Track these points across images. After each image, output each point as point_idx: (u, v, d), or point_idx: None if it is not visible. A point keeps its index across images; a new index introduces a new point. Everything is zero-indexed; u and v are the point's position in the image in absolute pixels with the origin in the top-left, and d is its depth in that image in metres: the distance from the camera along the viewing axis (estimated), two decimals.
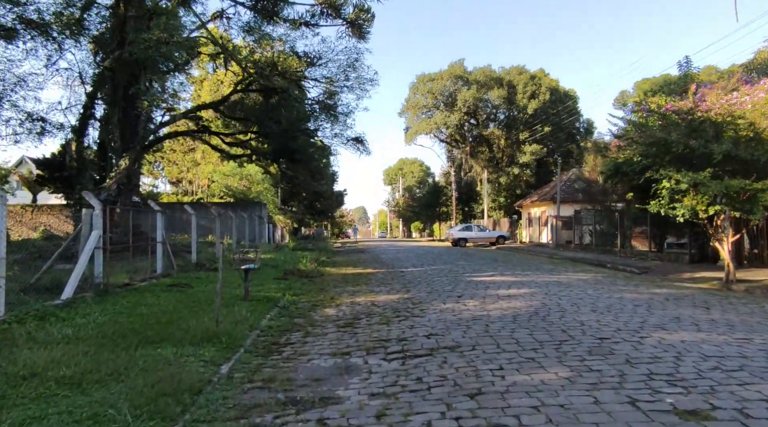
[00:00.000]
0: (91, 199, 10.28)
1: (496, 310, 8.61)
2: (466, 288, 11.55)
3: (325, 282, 13.90)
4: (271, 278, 13.93)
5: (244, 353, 6.28)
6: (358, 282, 13.67)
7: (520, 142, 47.27)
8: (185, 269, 15.67)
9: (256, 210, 34.56)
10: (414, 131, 51.66)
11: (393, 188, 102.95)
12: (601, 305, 9.03)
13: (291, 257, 20.18)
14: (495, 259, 22.14)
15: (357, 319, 8.36)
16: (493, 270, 16.33)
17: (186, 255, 19.17)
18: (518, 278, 13.86)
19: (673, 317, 7.79)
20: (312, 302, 10.28)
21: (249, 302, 9.49)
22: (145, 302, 9.27)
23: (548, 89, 48.49)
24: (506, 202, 49.75)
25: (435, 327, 7.37)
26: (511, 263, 19.46)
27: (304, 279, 14.34)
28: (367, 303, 9.98)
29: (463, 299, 9.97)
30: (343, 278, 14.84)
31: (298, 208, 53.75)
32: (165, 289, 11.15)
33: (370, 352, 6.16)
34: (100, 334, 6.53)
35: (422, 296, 10.67)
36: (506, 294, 10.46)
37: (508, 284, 12.18)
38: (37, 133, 24.43)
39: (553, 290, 11.06)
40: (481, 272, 15.79)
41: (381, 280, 14.08)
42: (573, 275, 14.55)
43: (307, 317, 8.76)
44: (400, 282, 13.37)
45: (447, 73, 49.51)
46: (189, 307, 8.86)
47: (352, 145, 21.10)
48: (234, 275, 12.21)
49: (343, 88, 18.22)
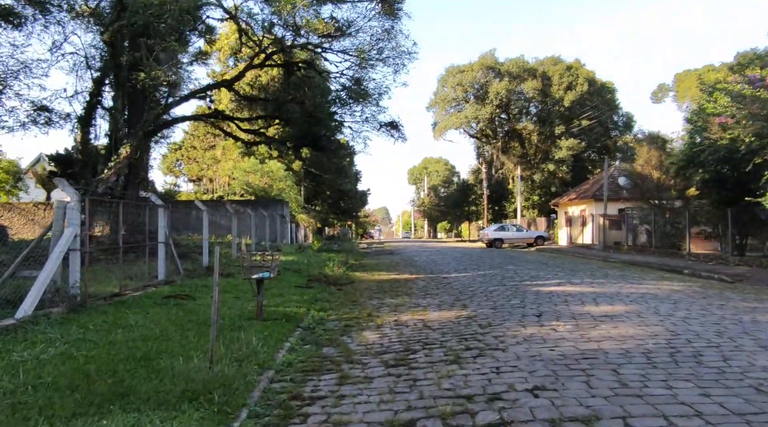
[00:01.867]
0: (65, 188, 8.10)
1: (607, 341, 6.10)
2: (540, 303, 9.04)
3: (357, 291, 11.53)
4: (293, 285, 11.65)
5: (246, 419, 3.94)
6: (397, 291, 11.27)
7: (555, 136, 44.21)
8: (194, 274, 13.52)
9: (278, 208, 32.52)
10: (443, 126, 48.97)
11: (418, 187, 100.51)
12: (761, 334, 6.44)
13: (315, 260, 17.92)
14: (544, 262, 19.48)
15: (410, 350, 5.96)
16: (555, 277, 13.74)
17: (198, 257, 17.13)
18: (594, 287, 11.26)
19: None
20: (344, 321, 7.92)
21: (263, 322, 7.18)
22: (125, 322, 7.03)
23: (585, 80, 45.28)
24: (540, 201, 46.74)
25: (534, 372, 4.92)
26: (567, 268, 16.81)
27: (331, 287, 12.02)
28: (417, 323, 7.58)
29: (546, 320, 7.47)
30: (378, 286, 12.45)
31: (322, 207, 51.68)
32: (159, 302, 8.94)
33: (449, 422, 3.77)
34: (27, 384, 4.26)
35: (486, 312, 8.21)
36: (601, 313, 7.91)
37: (592, 297, 9.61)
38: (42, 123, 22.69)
39: (658, 307, 8.46)
40: (540, 279, 13.23)
41: (424, 289, 11.66)
42: (660, 285, 11.88)
43: (340, 345, 6.41)
44: (448, 292, 10.93)
45: (478, 64, 46.71)
46: (181, 330, 6.59)
47: (386, 131, 18.55)
48: (246, 283, 9.97)
49: (375, 63, 15.72)
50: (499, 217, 51.76)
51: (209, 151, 47.85)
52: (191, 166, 49.52)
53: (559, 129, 44.06)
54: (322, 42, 14.98)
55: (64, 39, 20.72)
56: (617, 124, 50.33)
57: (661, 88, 67.64)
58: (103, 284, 10.36)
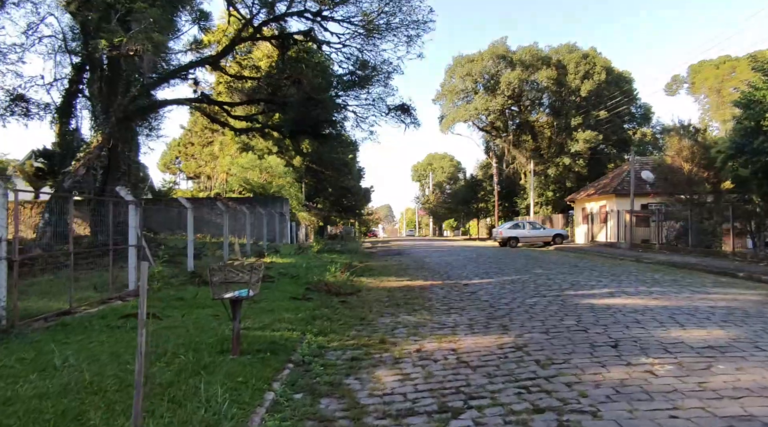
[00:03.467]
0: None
1: (746, 396, 4.09)
2: (605, 324, 6.98)
3: (364, 304, 9.54)
4: (287, 296, 9.67)
5: None
6: (413, 304, 9.27)
7: (571, 128, 41.97)
8: (175, 281, 11.56)
9: (277, 206, 30.57)
10: (450, 119, 46.75)
11: (422, 184, 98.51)
12: None
13: (316, 263, 15.95)
14: (574, 264, 17.43)
15: (448, 411, 3.98)
16: (598, 283, 11.72)
17: (184, 260, 15.24)
18: (657, 299, 9.21)
19: None
20: (352, 352, 5.95)
21: (239, 359, 5.21)
22: (49, 361, 5.07)
23: (603, 69, 42.99)
24: (554, 197, 44.59)
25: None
26: (605, 271, 14.77)
27: (333, 297, 10.04)
28: (448, 357, 5.60)
29: (629, 353, 5.44)
30: (389, 296, 10.45)
31: (324, 204, 49.70)
32: (115, 323, 6.99)
33: None
34: None
35: (538, 339, 6.21)
36: (700, 342, 5.84)
37: (666, 315, 7.54)
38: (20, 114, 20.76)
39: (766, 330, 6.43)
40: (583, 286, 11.21)
41: (445, 301, 9.66)
42: (734, 295, 9.82)
43: (346, 394, 4.46)
44: (476, 305, 8.92)
45: (488, 53, 44.46)
46: (124, 373, 4.65)
47: (395, 116, 16.40)
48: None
49: (384, 33, 13.51)
50: (510, 214, 49.64)
51: (207, 148, 45.96)
52: (189, 163, 47.63)
53: (575, 120, 41.83)
54: (321, 9, 12.85)
55: (40, 20, 18.74)
56: (635, 116, 48.08)
57: (675, 79, 65.41)
58: (55, 300, 8.44)
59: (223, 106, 16.74)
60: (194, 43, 23.15)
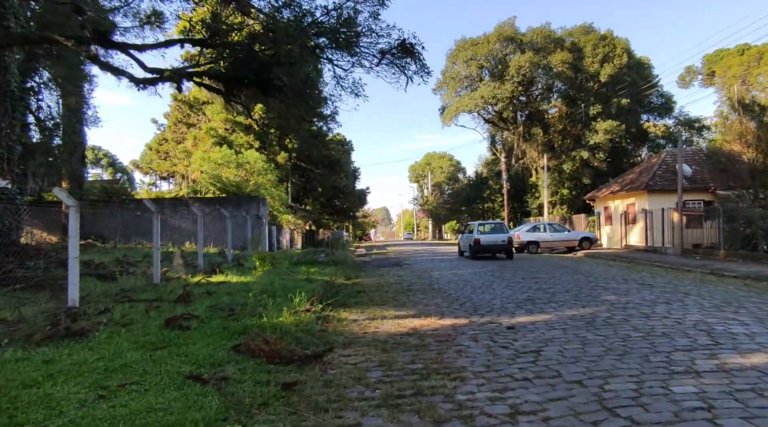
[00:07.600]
0: None
1: None
2: None
3: (332, 392, 4.70)
4: (187, 370, 4.84)
5: None
6: (434, 391, 4.46)
7: (590, 118, 37.28)
8: (109, 303, 6.75)
9: (253, 207, 25.75)
10: (453, 109, 41.89)
11: (420, 185, 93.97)
12: None
13: (281, 283, 11.13)
14: (641, 282, 12.69)
15: None
16: (735, 325, 6.98)
17: (120, 277, 10.65)
18: None
19: None
20: None
21: None
22: None
23: (624, 51, 38.38)
24: (570, 195, 39.92)
25: None
26: (705, 295, 10.05)
27: (274, 374, 5.19)
28: None
29: None
30: (384, 367, 5.63)
31: (313, 206, 44.83)
32: None
33: None
34: None
35: None
36: None
37: None
38: None
39: None
40: (719, 334, 6.47)
41: (494, 376, 4.86)
42: None
43: None
44: (566, 393, 4.12)
45: (494, 35, 39.71)
46: None
47: (390, 62, 11.10)
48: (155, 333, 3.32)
49: None
50: (519, 215, 44.93)
51: (182, 144, 41.08)
52: (161, 163, 42.76)
53: (594, 109, 37.15)
54: None
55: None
56: (656, 106, 43.51)
57: (689, 71, 61.08)
58: None
59: (128, 49, 11.76)
60: (153, 15, 18.51)
